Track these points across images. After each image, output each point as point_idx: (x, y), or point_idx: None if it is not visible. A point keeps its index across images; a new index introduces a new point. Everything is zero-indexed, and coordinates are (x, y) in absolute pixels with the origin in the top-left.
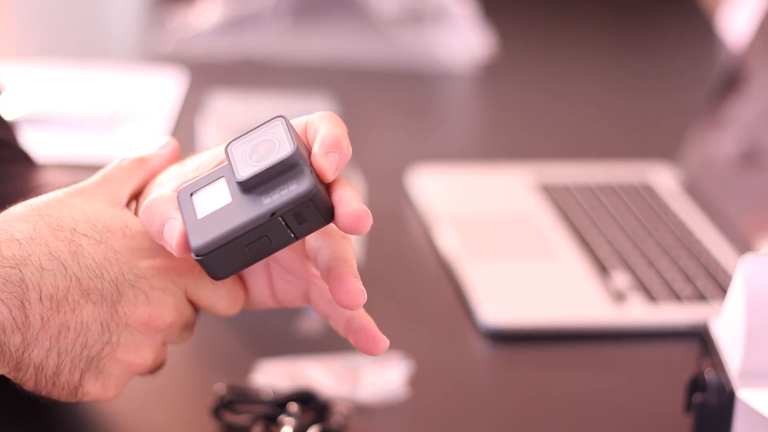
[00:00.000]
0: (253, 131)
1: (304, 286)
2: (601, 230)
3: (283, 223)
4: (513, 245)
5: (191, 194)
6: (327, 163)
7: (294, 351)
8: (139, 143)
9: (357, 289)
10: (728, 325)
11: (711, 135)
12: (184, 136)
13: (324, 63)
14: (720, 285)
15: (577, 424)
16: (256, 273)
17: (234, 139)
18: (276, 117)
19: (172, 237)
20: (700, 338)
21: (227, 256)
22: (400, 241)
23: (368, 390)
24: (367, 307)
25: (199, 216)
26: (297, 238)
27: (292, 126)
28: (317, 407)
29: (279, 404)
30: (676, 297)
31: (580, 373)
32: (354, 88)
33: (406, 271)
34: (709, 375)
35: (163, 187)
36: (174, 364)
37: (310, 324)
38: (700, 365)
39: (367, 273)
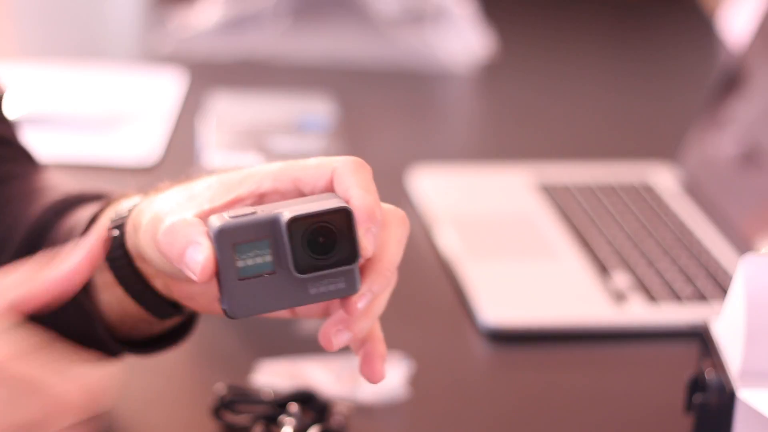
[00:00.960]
0: (318, 214)
1: (324, 305)
2: (601, 230)
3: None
4: (513, 245)
5: (232, 239)
6: (368, 243)
7: (294, 351)
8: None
9: (382, 373)
10: (728, 325)
11: (711, 135)
12: (184, 137)
13: (324, 63)
14: (720, 285)
15: (577, 423)
16: None
17: (297, 217)
18: (342, 210)
19: (195, 264)
20: (700, 338)
21: (251, 316)
22: None
23: (368, 390)
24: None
25: (241, 277)
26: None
27: (355, 224)
28: (317, 407)
29: (279, 404)
30: (676, 297)
31: (580, 373)
32: (354, 88)
33: (406, 271)
34: (710, 375)
35: (179, 215)
36: (174, 364)
37: (310, 324)
38: (701, 365)
39: None
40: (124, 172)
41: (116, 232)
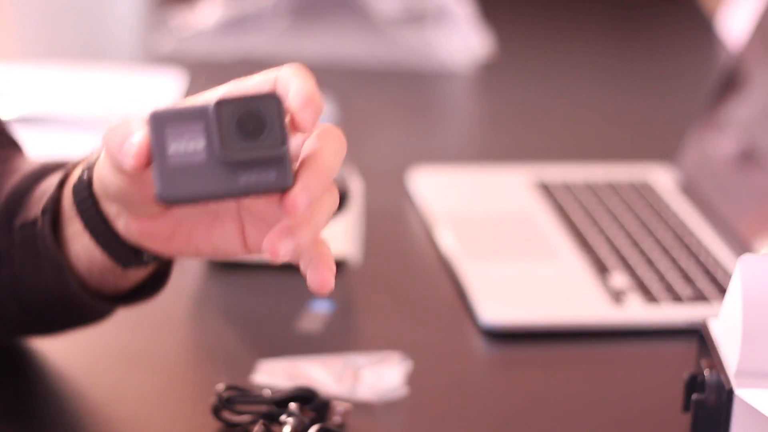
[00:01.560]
0: (246, 99)
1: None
2: (600, 230)
3: (245, 195)
4: (512, 245)
5: (165, 126)
6: (306, 117)
7: (294, 351)
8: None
9: (330, 280)
10: (726, 325)
11: (710, 136)
12: None
13: (323, 63)
14: (718, 285)
15: (575, 422)
16: (226, 221)
17: (225, 99)
18: (271, 95)
19: (131, 146)
20: (698, 337)
21: (181, 203)
22: (399, 241)
23: (368, 389)
24: (368, 306)
25: (171, 160)
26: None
27: (284, 112)
28: (317, 407)
29: (279, 404)
30: (675, 296)
31: (579, 372)
32: (354, 88)
33: (406, 270)
34: (708, 374)
35: None
36: (174, 363)
37: (310, 323)
38: (699, 364)
39: (366, 272)
40: None
41: (85, 176)
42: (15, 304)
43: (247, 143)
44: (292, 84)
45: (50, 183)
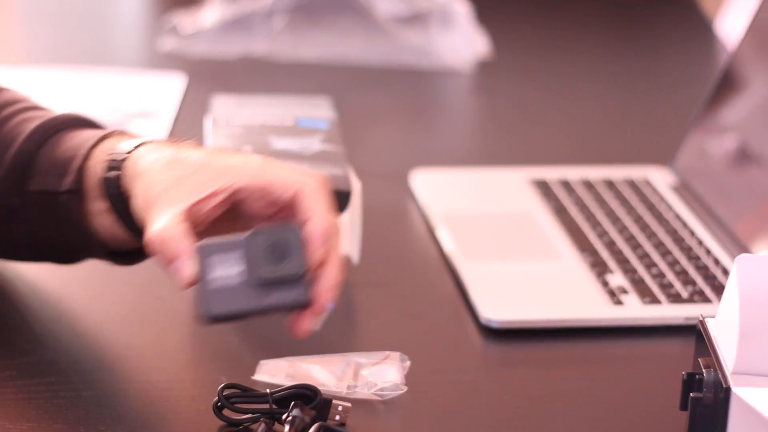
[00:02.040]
0: (271, 231)
1: None
2: (600, 230)
3: (274, 310)
4: (512, 244)
5: (209, 255)
6: (319, 254)
7: (295, 350)
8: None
9: (308, 332)
10: (723, 324)
11: (707, 137)
12: (186, 137)
13: (323, 63)
14: (716, 284)
15: (574, 420)
16: (238, 225)
17: (256, 231)
18: (295, 228)
19: (182, 277)
20: (696, 336)
21: (221, 321)
22: (399, 241)
23: (368, 388)
24: (369, 306)
25: (216, 282)
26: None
27: (303, 243)
28: (318, 405)
29: (280, 402)
30: (673, 295)
31: (578, 370)
32: (353, 88)
33: (406, 270)
34: (705, 373)
35: (166, 207)
36: (176, 363)
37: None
38: (696, 362)
39: (367, 272)
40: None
41: (115, 173)
42: (27, 250)
43: (274, 267)
44: (313, 215)
45: (64, 153)
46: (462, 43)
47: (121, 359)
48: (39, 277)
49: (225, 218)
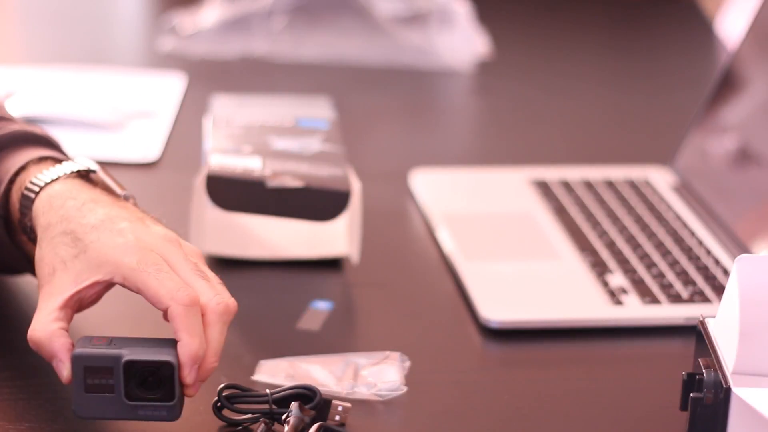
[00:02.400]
0: (147, 360)
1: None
2: (600, 230)
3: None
4: (512, 245)
5: (84, 363)
6: (191, 379)
7: (294, 350)
8: None
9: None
10: (724, 324)
11: (707, 137)
12: (184, 134)
13: (323, 62)
14: (716, 285)
15: (574, 420)
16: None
17: (132, 359)
18: (168, 363)
19: (60, 375)
20: (696, 336)
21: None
22: (400, 241)
23: (368, 388)
24: (369, 306)
25: (86, 390)
26: None
27: (177, 374)
28: (318, 406)
29: (280, 403)
30: (673, 295)
31: (578, 371)
32: (353, 88)
33: (406, 270)
34: (706, 373)
35: (50, 297)
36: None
37: (310, 322)
38: (697, 363)
39: (367, 272)
40: (127, 168)
41: (27, 218)
42: None
43: (146, 393)
44: (180, 339)
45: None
46: (462, 43)
47: None
48: None
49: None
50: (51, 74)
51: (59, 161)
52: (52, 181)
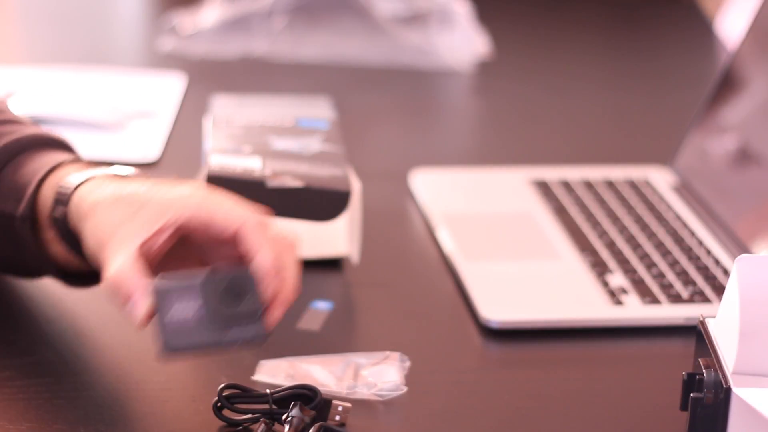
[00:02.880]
0: (227, 274)
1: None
2: (600, 230)
3: (233, 345)
4: (512, 245)
5: (167, 292)
6: (269, 290)
7: (295, 350)
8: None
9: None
10: (724, 324)
11: (707, 137)
12: (184, 134)
13: (323, 62)
14: (716, 285)
15: (574, 420)
16: (189, 263)
17: (211, 274)
18: (247, 272)
19: (135, 316)
20: (696, 336)
21: (181, 356)
22: (399, 241)
23: (368, 388)
24: (369, 306)
25: (173, 317)
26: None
27: (257, 284)
28: (318, 406)
29: (280, 403)
30: (674, 296)
31: (579, 371)
32: (353, 88)
33: (406, 270)
34: (706, 373)
35: (119, 247)
36: (176, 363)
37: (310, 322)
38: (697, 363)
39: (367, 272)
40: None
41: (61, 211)
42: None
43: (231, 306)
44: (258, 252)
45: (21, 177)
46: (462, 43)
47: (121, 359)
48: None
49: (176, 253)
50: (51, 74)
51: (77, 165)
52: (90, 178)
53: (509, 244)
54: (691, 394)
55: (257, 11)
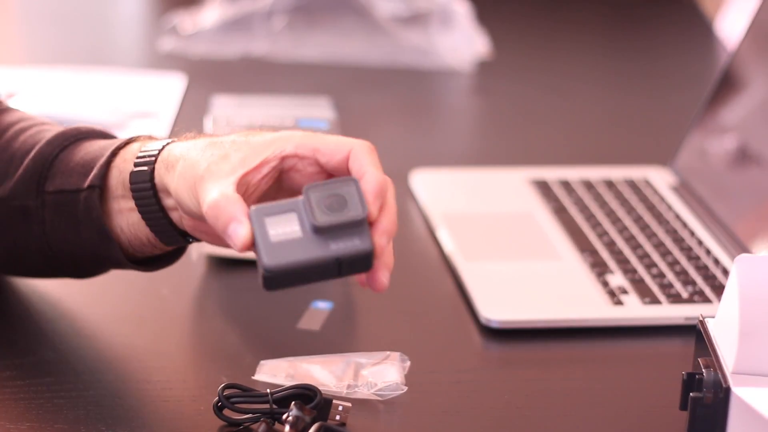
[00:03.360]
0: (328, 183)
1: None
2: (600, 230)
3: (338, 265)
4: (512, 245)
5: (265, 215)
6: (375, 209)
7: (295, 350)
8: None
9: (386, 286)
10: (724, 324)
11: (707, 137)
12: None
13: (323, 63)
14: (716, 284)
15: (574, 419)
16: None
17: (312, 185)
18: (351, 180)
19: (238, 238)
20: (696, 336)
21: (286, 278)
22: (400, 241)
23: (369, 388)
24: (369, 306)
25: (272, 239)
26: (340, 276)
27: (362, 189)
28: (318, 405)
29: (280, 402)
30: (673, 296)
31: (578, 370)
32: (353, 88)
33: (407, 269)
34: (705, 372)
35: (217, 180)
36: (176, 363)
37: (311, 322)
38: (696, 363)
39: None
40: None
41: (147, 167)
42: (39, 254)
43: (334, 215)
44: (367, 172)
45: (87, 155)
46: (462, 43)
47: (122, 359)
48: None
49: (270, 194)
50: (51, 74)
51: (154, 138)
52: (167, 145)
53: (509, 244)
54: (691, 394)
55: (257, 11)
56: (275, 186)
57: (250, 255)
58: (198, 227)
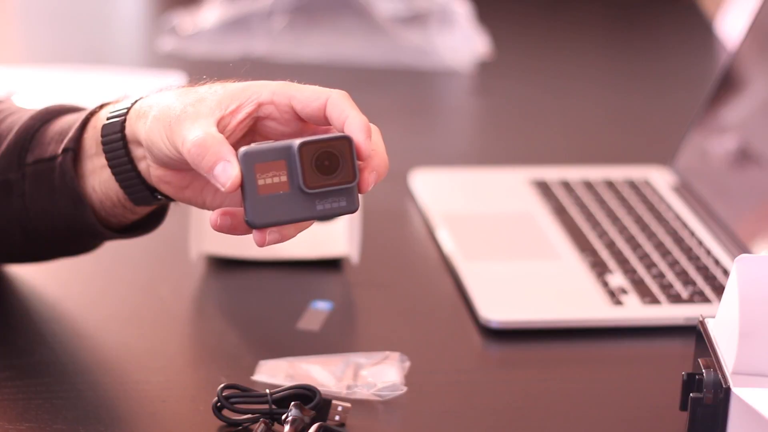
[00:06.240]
0: (322, 139)
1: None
2: (600, 230)
3: (321, 218)
4: (512, 245)
5: (254, 161)
6: (367, 147)
7: (294, 350)
8: None
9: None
10: (724, 324)
11: (707, 137)
12: None
13: (323, 63)
14: (716, 285)
15: (574, 420)
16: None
17: (306, 140)
18: (345, 137)
19: (227, 177)
20: (696, 336)
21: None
22: (401, 241)
23: (368, 388)
24: (369, 306)
25: (259, 191)
26: (320, 221)
27: (354, 150)
28: (318, 406)
29: (279, 403)
30: (673, 296)
31: (578, 371)
32: (353, 88)
33: (406, 270)
34: (705, 373)
35: (196, 120)
36: (176, 363)
37: (310, 322)
38: (696, 363)
39: (367, 272)
40: None
41: (117, 119)
42: (20, 231)
43: (325, 178)
44: (349, 115)
45: (65, 124)
46: (462, 43)
47: (121, 359)
48: (39, 277)
49: (244, 143)
50: (51, 74)
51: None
52: (138, 99)
53: (509, 244)
54: (691, 394)
55: (257, 11)
56: (249, 135)
57: (249, 255)
58: (164, 177)
